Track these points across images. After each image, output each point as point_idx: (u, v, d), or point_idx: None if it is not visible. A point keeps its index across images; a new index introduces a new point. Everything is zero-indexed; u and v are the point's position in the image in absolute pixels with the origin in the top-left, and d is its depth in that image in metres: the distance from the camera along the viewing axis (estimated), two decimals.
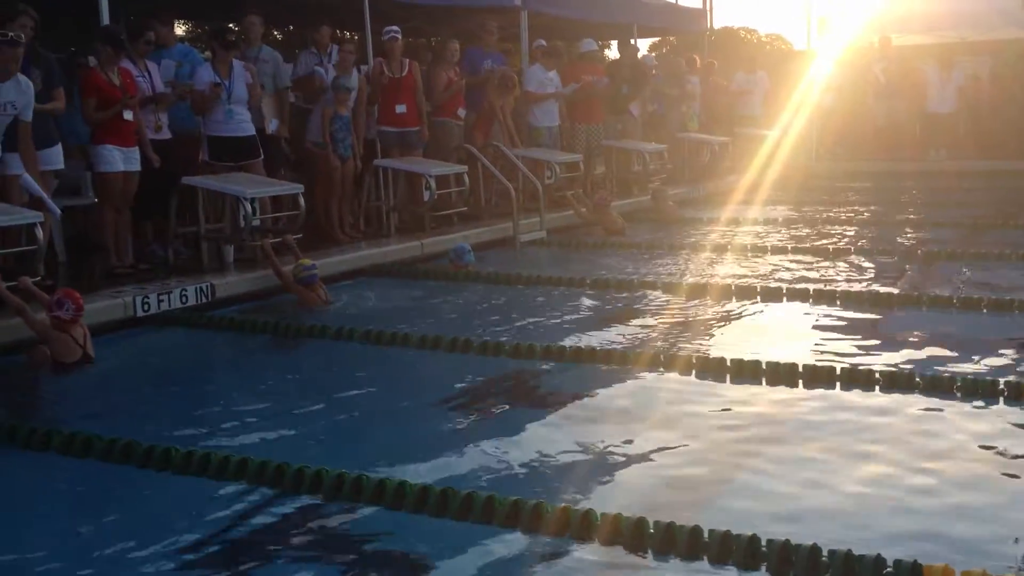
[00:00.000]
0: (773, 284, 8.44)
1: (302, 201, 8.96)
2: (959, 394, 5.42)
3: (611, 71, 14.77)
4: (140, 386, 6.45)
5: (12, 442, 5.00)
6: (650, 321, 7.50)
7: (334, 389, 6.15)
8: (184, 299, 7.76)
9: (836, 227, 12.07)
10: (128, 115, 8.37)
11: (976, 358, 6.14)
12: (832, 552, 3.50)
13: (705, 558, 3.62)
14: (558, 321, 7.57)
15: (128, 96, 8.34)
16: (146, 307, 7.50)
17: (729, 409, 5.38)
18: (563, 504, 3.99)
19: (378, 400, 5.83)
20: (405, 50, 11.46)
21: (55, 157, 7.84)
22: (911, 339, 6.71)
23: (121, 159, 8.36)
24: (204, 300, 7.90)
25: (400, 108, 10.91)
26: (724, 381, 5.83)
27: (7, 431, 5.08)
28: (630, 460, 4.70)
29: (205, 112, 9.15)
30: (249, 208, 8.46)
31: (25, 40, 7.33)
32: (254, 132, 9.42)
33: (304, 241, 9.03)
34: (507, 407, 5.59)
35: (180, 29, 18.35)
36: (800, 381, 5.72)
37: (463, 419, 5.36)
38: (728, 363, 5.98)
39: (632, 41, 16.33)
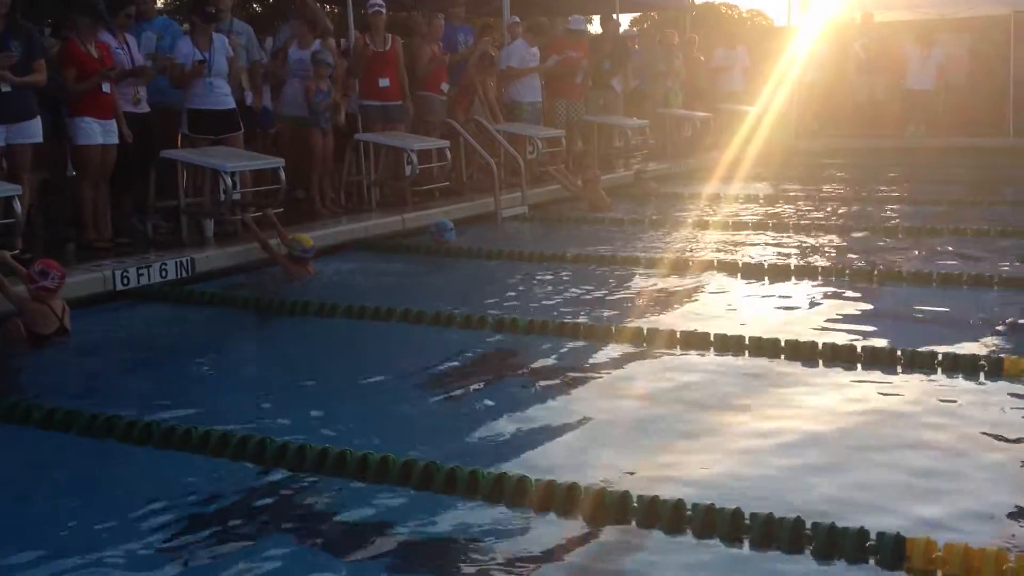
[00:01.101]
0: (755, 260, 8.46)
1: (283, 175, 8.92)
2: (940, 370, 5.45)
3: (592, 46, 14.72)
4: (120, 361, 6.40)
5: None
6: (633, 296, 7.50)
7: (316, 364, 6.14)
8: (164, 273, 7.72)
9: (817, 203, 12.10)
10: (106, 87, 8.28)
11: (957, 333, 6.17)
12: (815, 525, 3.51)
13: (689, 532, 3.63)
14: (541, 296, 7.57)
15: (107, 68, 8.25)
16: (125, 281, 7.45)
17: (712, 384, 5.39)
18: (547, 478, 3.99)
19: (360, 375, 5.81)
20: (400, 26, 11.40)
21: (34, 130, 7.75)
22: (892, 315, 6.75)
23: (100, 132, 8.28)
24: (184, 274, 7.86)
25: (383, 82, 10.85)
26: (707, 355, 5.84)
27: None
28: (613, 434, 4.70)
29: (185, 86, 9.08)
30: (229, 182, 8.40)
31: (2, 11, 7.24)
32: (234, 105, 9.35)
33: (284, 215, 8.98)
34: (490, 381, 5.58)
35: (159, 1, 18.11)
36: (782, 356, 5.74)
37: (446, 393, 5.35)
38: (711, 338, 5.99)
39: (614, 16, 16.27)
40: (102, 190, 8.48)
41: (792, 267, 8.11)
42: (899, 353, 5.61)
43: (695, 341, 6.01)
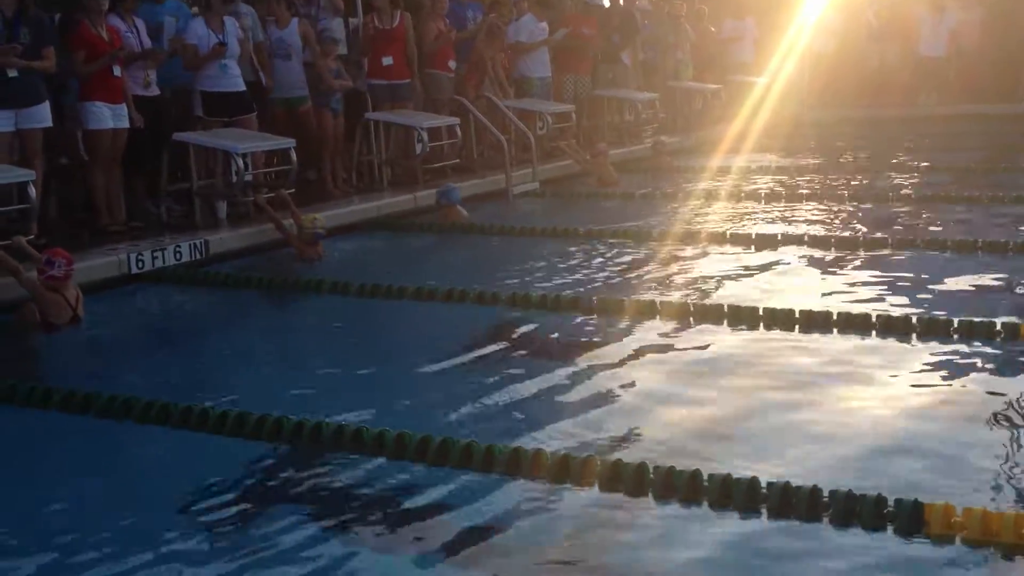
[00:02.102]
0: (768, 231, 8.44)
1: (294, 155, 8.92)
2: (956, 336, 5.44)
3: (601, 20, 14.64)
4: (137, 343, 6.45)
5: (11, 400, 4.99)
6: (645, 270, 7.49)
7: (330, 343, 6.17)
8: (178, 256, 7.74)
9: (829, 173, 12.05)
10: (116, 71, 8.28)
11: (972, 300, 6.16)
12: (833, 492, 3.52)
13: (705, 502, 3.64)
14: (552, 271, 7.56)
15: (117, 50, 8.24)
16: (140, 264, 7.48)
17: (727, 356, 5.38)
18: (563, 451, 4.00)
19: (375, 353, 5.83)
20: (410, 2, 11.35)
21: (43, 114, 7.75)
22: (907, 283, 6.72)
23: (110, 116, 8.27)
24: (198, 256, 7.88)
25: (386, 60, 10.79)
26: (721, 327, 5.83)
27: (7, 389, 5.07)
28: (629, 407, 4.72)
29: (199, 68, 9.09)
30: (240, 163, 8.40)
31: None
32: (245, 87, 9.36)
33: (296, 196, 8.97)
34: (503, 356, 5.58)
35: None
36: (797, 327, 5.73)
37: (460, 369, 5.36)
38: (725, 309, 5.99)
39: None
40: (115, 174, 8.49)
41: (806, 237, 8.08)
42: (914, 321, 5.60)
43: (709, 314, 6.00)
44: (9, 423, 4.84)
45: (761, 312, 5.89)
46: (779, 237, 8.13)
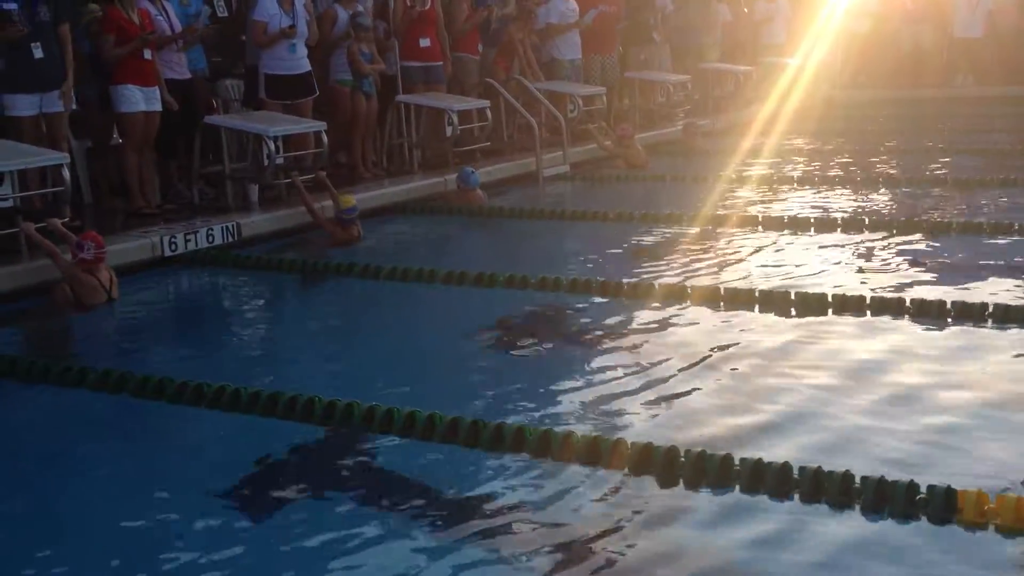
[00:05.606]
0: (800, 214, 8.37)
1: (325, 138, 8.94)
2: (990, 321, 5.38)
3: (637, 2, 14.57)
4: (170, 325, 6.51)
5: (46, 380, 5.04)
6: (675, 254, 7.45)
7: (362, 325, 6.19)
8: (211, 239, 7.78)
9: (862, 156, 11.94)
10: (147, 54, 8.31)
11: (1008, 284, 6.09)
12: (864, 479, 3.50)
13: (736, 487, 3.63)
14: (582, 255, 7.56)
15: (148, 34, 8.28)
16: (173, 247, 7.52)
17: (758, 340, 5.35)
18: (594, 434, 4.00)
19: (405, 335, 5.85)
20: None
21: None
22: (942, 266, 6.66)
23: (142, 99, 8.30)
24: (230, 239, 7.92)
25: (424, 42, 10.80)
26: (752, 312, 5.80)
27: (41, 369, 5.12)
28: (659, 390, 4.69)
29: (265, 47, 9.16)
30: (272, 147, 8.43)
31: None
32: (310, 68, 9.42)
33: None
34: (532, 340, 5.58)
35: None
36: (830, 311, 5.69)
37: (490, 352, 5.37)
38: (756, 294, 5.96)
39: None
40: (147, 157, 8.54)
41: (839, 221, 8.02)
42: (949, 305, 5.54)
43: (740, 298, 5.97)
44: (44, 403, 4.90)
45: (793, 296, 5.86)
46: (812, 221, 8.07)
